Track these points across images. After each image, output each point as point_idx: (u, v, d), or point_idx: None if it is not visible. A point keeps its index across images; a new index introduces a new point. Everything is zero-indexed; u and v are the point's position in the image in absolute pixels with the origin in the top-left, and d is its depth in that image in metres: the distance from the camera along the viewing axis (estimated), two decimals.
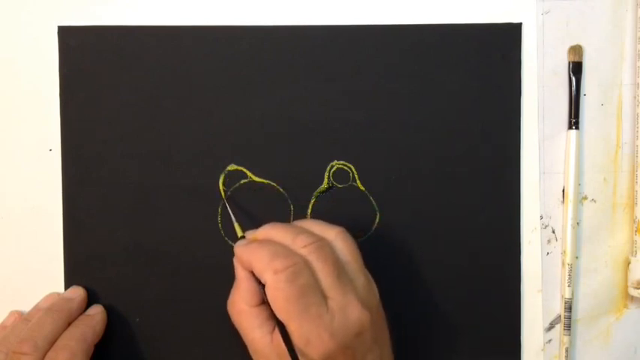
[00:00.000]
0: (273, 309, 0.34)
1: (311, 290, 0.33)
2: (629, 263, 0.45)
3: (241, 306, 0.36)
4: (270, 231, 0.37)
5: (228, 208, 0.41)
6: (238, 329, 0.37)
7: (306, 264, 0.34)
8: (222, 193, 0.42)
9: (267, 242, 0.36)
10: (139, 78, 0.42)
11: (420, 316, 0.44)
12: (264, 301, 0.36)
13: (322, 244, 0.35)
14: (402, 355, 0.38)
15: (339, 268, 0.35)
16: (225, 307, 0.38)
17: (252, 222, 0.42)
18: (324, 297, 0.34)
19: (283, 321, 0.33)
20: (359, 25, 0.43)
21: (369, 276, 0.37)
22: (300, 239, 0.35)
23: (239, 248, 0.36)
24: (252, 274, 0.36)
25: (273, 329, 0.35)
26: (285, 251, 0.34)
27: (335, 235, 0.36)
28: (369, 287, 0.36)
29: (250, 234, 0.38)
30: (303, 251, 0.35)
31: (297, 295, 0.33)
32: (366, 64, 0.43)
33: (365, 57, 0.43)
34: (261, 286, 0.35)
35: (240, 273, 0.37)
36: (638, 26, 0.44)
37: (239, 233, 0.39)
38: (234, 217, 0.40)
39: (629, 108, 0.45)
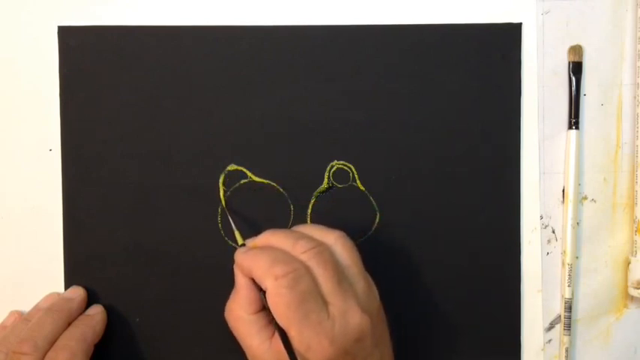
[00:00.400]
0: (274, 315, 0.34)
1: (311, 296, 0.33)
2: (629, 263, 0.45)
3: (239, 313, 0.36)
4: (270, 237, 0.37)
5: (229, 216, 0.41)
6: (236, 336, 0.37)
7: (307, 269, 0.34)
8: (222, 193, 0.42)
9: (267, 248, 0.36)
10: (139, 78, 0.42)
11: (420, 316, 0.44)
12: (262, 309, 0.36)
13: (322, 249, 0.35)
14: (402, 355, 0.38)
15: (339, 273, 0.35)
16: (225, 306, 0.38)
17: (253, 222, 0.42)
18: (324, 302, 0.34)
19: (284, 327, 0.33)
20: (359, 25, 0.43)
21: (370, 279, 0.37)
22: (300, 245, 0.35)
23: (239, 255, 0.36)
24: (252, 281, 0.36)
25: (272, 335, 0.35)
26: (286, 257, 0.34)
27: (335, 240, 0.36)
28: (369, 291, 0.36)
29: (250, 241, 0.38)
30: (303, 257, 0.35)
31: (298, 301, 0.33)
32: (366, 64, 0.43)
33: (365, 57, 0.43)
34: (262, 292, 0.35)
35: (240, 280, 0.36)
36: (638, 26, 0.44)
37: (239, 241, 0.39)
38: (234, 224, 0.40)
39: (629, 108, 0.45)
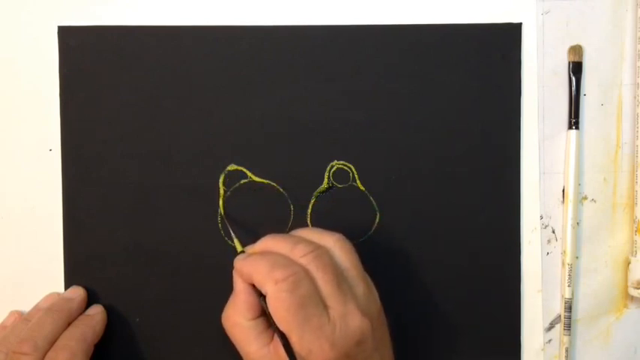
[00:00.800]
0: (275, 319, 0.34)
1: (311, 300, 0.33)
2: (629, 263, 0.45)
3: (238, 319, 0.36)
4: (269, 242, 0.37)
5: (228, 225, 0.41)
6: (234, 342, 0.36)
7: (306, 273, 0.34)
8: (222, 197, 0.42)
9: (267, 253, 0.36)
10: (139, 78, 0.42)
11: (420, 316, 0.44)
12: (260, 315, 0.36)
13: (321, 252, 0.35)
14: (402, 355, 0.38)
15: (338, 276, 0.35)
16: (224, 306, 0.38)
17: (253, 222, 0.42)
18: (324, 306, 0.34)
19: (284, 331, 0.33)
20: (359, 25, 0.43)
21: (370, 282, 0.37)
22: (299, 249, 0.35)
23: (239, 261, 0.36)
24: (252, 287, 0.36)
25: (270, 341, 0.35)
26: (285, 261, 0.34)
27: (333, 243, 0.36)
28: (369, 294, 0.36)
29: (249, 248, 0.38)
30: (303, 260, 0.35)
31: (298, 305, 0.33)
32: (366, 64, 0.43)
33: (365, 57, 0.43)
34: (262, 297, 0.35)
35: (240, 286, 0.36)
36: (638, 26, 0.44)
37: (239, 248, 0.39)
38: (234, 232, 0.40)
39: (629, 108, 0.45)
